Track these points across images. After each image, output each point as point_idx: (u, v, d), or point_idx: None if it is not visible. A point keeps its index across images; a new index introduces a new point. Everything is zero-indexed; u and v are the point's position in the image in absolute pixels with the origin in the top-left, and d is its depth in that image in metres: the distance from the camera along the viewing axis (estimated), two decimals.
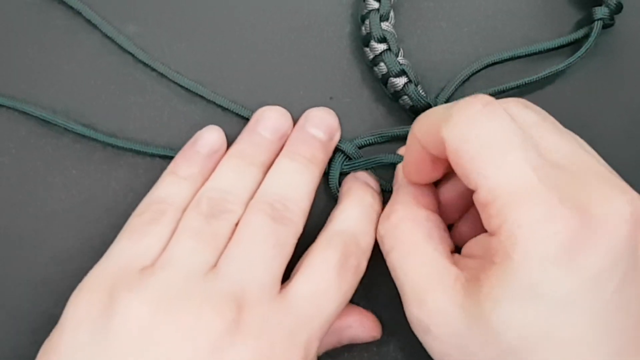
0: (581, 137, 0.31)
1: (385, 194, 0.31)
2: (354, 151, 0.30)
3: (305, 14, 0.32)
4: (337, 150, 0.30)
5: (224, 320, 0.23)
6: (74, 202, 0.30)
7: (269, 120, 0.29)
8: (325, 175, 0.30)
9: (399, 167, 0.29)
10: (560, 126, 0.26)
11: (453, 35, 0.32)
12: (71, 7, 0.31)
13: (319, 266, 0.26)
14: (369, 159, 0.30)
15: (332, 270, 0.25)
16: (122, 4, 0.31)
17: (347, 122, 0.31)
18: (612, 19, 0.31)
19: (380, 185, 0.30)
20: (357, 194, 0.28)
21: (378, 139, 0.30)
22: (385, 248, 0.26)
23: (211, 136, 0.29)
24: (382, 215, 0.27)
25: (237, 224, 0.26)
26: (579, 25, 0.32)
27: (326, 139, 0.29)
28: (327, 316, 0.25)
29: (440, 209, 0.28)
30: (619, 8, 0.31)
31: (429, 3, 0.32)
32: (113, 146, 0.30)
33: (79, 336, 0.24)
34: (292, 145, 0.29)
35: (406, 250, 0.25)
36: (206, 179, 0.28)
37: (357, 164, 0.30)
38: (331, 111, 0.30)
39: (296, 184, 0.28)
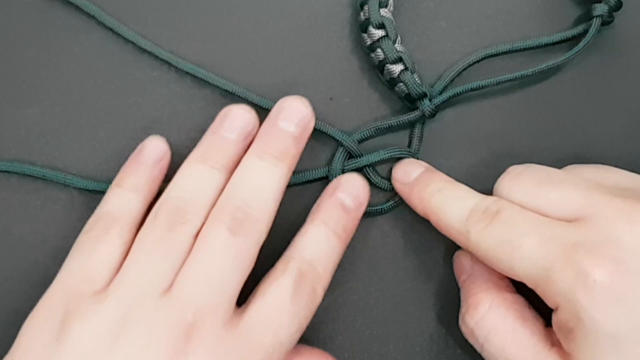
0: (578, 133, 0.31)
1: (387, 194, 0.31)
2: (354, 147, 0.30)
3: (305, 14, 0.32)
4: (337, 146, 0.30)
5: (172, 349, 0.23)
6: (74, 202, 0.30)
7: (233, 119, 0.28)
8: (326, 177, 0.30)
9: (461, 255, 0.29)
10: None
11: (453, 35, 0.32)
12: (70, 7, 0.31)
13: (273, 292, 0.25)
14: (369, 156, 0.30)
15: (286, 297, 0.25)
16: (122, 4, 0.31)
17: (347, 122, 0.31)
18: (611, 16, 0.31)
19: (379, 184, 0.30)
20: (323, 217, 0.28)
21: (375, 131, 0.30)
22: (478, 340, 0.26)
23: (154, 145, 0.28)
24: (466, 307, 0.27)
25: (198, 235, 0.26)
26: (578, 24, 0.32)
27: (299, 132, 0.28)
28: (280, 342, 0.25)
29: None
30: (618, 5, 0.31)
31: (429, 3, 0.32)
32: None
33: None
34: (261, 142, 0.28)
35: (502, 339, 0.26)
36: (153, 189, 0.28)
37: (357, 163, 0.30)
38: (304, 100, 0.28)
39: (262, 186, 0.27)
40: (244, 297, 0.26)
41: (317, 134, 0.31)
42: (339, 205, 0.28)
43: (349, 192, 0.29)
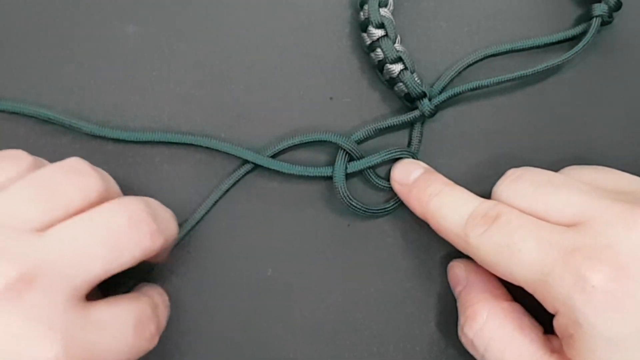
0: (577, 134, 0.31)
1: (386, 194, 0.31)
2: (354, 149, 0.30)
3: (305, 14, 0.32)
4: (338, 149, 0.30)
5: (7, 284, 0.21)
6: None
7: None
8: (330, 178, 0.30)
9: (455, 266, 0.29)
10: None
11: (453, 35, 0.32)
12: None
13: (124, 309, 0.25)
14: (370, 158, 0.30)
15: (130, 321, 0.24)
16: (122, 4, 0.31)
17: (347, 122, 0.31)
18: (610, 16, 0.31)
19: (380, 185, 0.30)
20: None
21: (374, 132, 0.30)
22: (478, 351, 0.26)
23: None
24: (464, 318, 0.27)
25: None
26: (578, 24, 0.32)
27: None
28: (111, 350, 0.23)
29: None
30: (618, 5, 0.31)
31: (429, 3, 0.32)
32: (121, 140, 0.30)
33: None
34: None
35: (502, 348, 0.26)
36: None
37: (359, 165, 0.30)
38: None
39: None
40: None
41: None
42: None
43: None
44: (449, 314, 0.30)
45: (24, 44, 0.31)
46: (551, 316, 0.25)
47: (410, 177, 0.29)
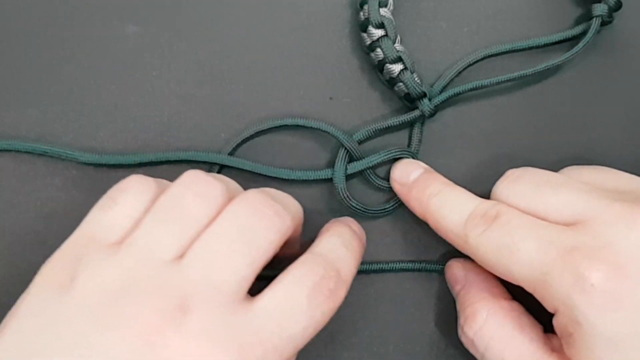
0: (577, 134, 0.31)
1: (386, 194, 0.31)
2: (355, 149, 0.30)
3: (305, 14, 0.32)
4: (338, 147, 0.30)
5: (167, 316, 0.22)
6: (73, 202, 0.30)
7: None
8: (330, 180, 0.30)
9: (454, 265, 0.29)
10: None
11: (453, 35, 0.32)
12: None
13: (290, 283, 0.24)
14: (370, 158, 0.30)
15: (303, 290, 0.24)
16: (122, 4, 0.31)
17: (347, 122, 0.31)
18: (610, 16, 0.31)
19: (380, 185, 0.30)
20: (336, 229, 0.27)
21: (374, 132, 0.30)
22: (478, 350, 0.26)
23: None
24: (464, 318, 0.27)
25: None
26: (578, 24, 0.32)
27: None
28: (288, 337, 0.23)
29: None
30: (617, 5, 0.31)
31: (429, 3, 0.32)
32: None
33: (40, 301, 0.23)
34: None
35: (502, 348, 0.26)
36: None
37: (359, 165, 0.30)
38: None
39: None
40: None
41: (318, 135, 0.31)
42: (348, 227, 0.28)
43: (355, 224, 0.29)
44: (449, 314, 0.30)
45: (24, 44, 0.31)
46: (551, 315, 0.25)
47: (410, 177, 0.29)
